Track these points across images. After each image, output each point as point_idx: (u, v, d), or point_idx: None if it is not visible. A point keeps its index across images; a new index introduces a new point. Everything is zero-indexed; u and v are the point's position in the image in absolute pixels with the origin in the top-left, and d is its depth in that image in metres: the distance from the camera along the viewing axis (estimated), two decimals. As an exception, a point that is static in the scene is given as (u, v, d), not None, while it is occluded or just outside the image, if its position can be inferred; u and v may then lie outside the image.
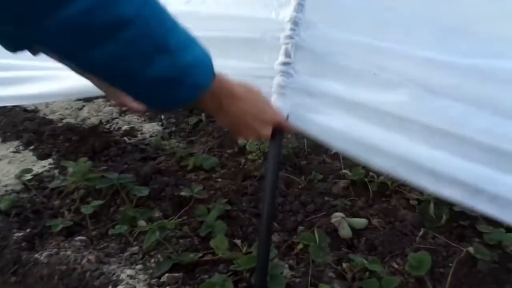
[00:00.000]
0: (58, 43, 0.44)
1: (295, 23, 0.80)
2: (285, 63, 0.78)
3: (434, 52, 0.69)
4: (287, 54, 0.78)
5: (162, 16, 0.50)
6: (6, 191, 1.57)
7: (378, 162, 0.74)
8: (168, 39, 0.50)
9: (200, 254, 1.21)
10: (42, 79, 1.20)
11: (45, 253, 1.24)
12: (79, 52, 0.46)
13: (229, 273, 1.13)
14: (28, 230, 1.37)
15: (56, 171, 1.70)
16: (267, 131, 0.70)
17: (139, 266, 1.19)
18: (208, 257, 1.20)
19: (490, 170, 0.65)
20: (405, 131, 0.70)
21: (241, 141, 1.85)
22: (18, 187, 1.59)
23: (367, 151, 0.73)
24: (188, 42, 0.53)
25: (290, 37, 0.78)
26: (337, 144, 0.77)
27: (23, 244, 1.32)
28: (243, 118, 0.66)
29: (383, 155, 0.72)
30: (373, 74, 0.72)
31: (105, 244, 1.30)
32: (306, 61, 0.80)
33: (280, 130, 0.74)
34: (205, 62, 0.56)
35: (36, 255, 1.25)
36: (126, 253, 1.26)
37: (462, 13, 0.77)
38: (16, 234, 1.34)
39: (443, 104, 0.67)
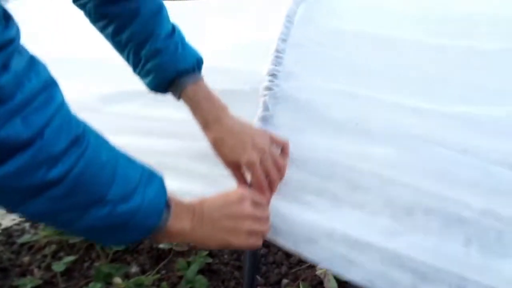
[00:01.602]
0: None
1: (273, 75, 0.81)
2: (263, 118, 0.76)
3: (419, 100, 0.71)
4: (266, 107, 0.78)
5: (101, 167, 0.47)
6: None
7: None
8: (106, 191, 0.46)
9: (180, 313, 1.14)
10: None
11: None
12: (8, 206, 0.45)
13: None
14: (-9, 291, 1.28)
15: (26, 225, 1.61)
16: (246, 207, 0.61)
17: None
18: (189, 316, 1.13)
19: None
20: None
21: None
22: (-16, 243, 1.50)
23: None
24: (134, 186, 0.49)
25: (269, 88, 0.79)
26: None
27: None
28: (218, 224, 0.58)
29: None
30: (355, 124, 0.72)
31: None
32: (286, 113, 0.79)
33: None
34: (153, 205, 0.51)
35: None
36: (100, 314, 1.17)
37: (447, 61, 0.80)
38: (-21, 296, 1.24)
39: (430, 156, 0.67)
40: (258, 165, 0.65)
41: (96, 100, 0.99)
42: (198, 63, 0.72)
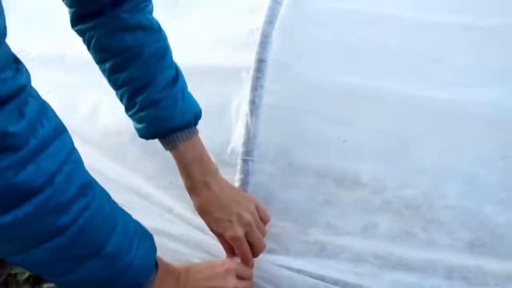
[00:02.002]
0: None
1: (261, 61, 0.77)
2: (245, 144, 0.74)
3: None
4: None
5: (104, 218, 0.47)
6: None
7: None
8: (105, 243, 0.46)
9: None
10: None
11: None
12: (8, 254, 0.44)
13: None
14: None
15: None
16: (230, 282, 0.62)
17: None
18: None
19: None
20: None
21: None
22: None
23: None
24: (130, 241, 0.49)
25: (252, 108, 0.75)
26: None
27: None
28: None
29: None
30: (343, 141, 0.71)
31: None
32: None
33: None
34: (144, 262, 0.52)
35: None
36: None
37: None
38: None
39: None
40: (242, 240, 0.66)
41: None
42: (195, 118, 0.69)
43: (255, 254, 0.69)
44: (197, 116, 0.69)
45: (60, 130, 0.43)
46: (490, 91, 0.65)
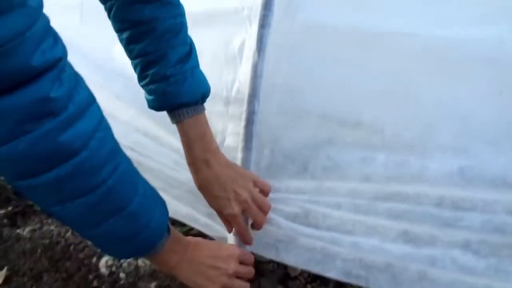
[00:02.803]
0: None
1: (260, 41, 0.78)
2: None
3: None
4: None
5: (130, 180, 0.52)
6: (-14, 172, 1.56)
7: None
8: (129, 202, 0.51)
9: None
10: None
11: (27, 229, 1.25)
12: (44, 205, 0.49)
13: None
14: (9, 209, 1.38)
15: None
16: (231, 265, 0.65)
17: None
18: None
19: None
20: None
21: None
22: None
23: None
24: (149, 202, 0.55)
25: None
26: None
27: (5, 221, 1.32)
28: (202, 267, 0.64)
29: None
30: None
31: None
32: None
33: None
34: (159, 224, 0.56)
35: (18, 231, 1.26)
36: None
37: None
38: (-2, 212, 1.35)
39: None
40: (239, 217, 0.71)
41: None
42: (203, 97, 0.71)
43: (257, 227, 0.74)
44: (205, 95, 0.71)
45: (92, 99, 0.47)
46: (491, 28, 0.66)
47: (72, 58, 0.45)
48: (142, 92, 0.72)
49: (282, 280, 1.11)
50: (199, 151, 0.71)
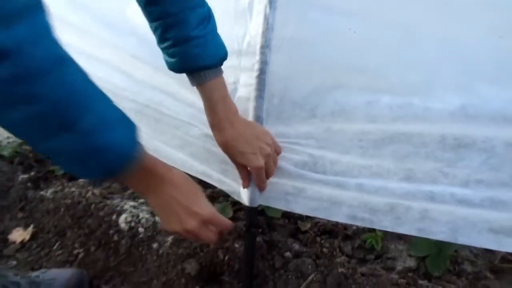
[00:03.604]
0: None
1: None
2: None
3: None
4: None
5: (82, 95, 0.49)
6: (8, 142, 1.63)
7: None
8: (79, 119, 0.48)
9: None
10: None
11: (50, 190, 1.32)
12: None
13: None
14: (32, 174, 1.45)
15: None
16: (192, 224, 0.62)
17: (141, 200, 1.27)
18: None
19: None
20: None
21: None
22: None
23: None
24: (104, 125, 0.50)
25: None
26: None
27: (29, 184, 1.39)
28: (170, 204, 0.62)
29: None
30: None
31: (108, 184, 1.38)
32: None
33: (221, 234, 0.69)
34: (120, 148, 0.52)
35: (41, 192, 1.32)
36: (129, 191, 1.34)
37: None
38: (22, 176, 1.41)
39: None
40: (263, 169, 0.77)
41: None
42: (222, 59, 0.73)
43: (270, 176, 0.81)
44: (224, 56, 0.73)
45: (38, 6, 0.44)
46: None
47: (85, 18, 0.45)
48: (156, 51, 0.75)
49: (293, 233, 1.16)
50: (222, 112, 0.74)
